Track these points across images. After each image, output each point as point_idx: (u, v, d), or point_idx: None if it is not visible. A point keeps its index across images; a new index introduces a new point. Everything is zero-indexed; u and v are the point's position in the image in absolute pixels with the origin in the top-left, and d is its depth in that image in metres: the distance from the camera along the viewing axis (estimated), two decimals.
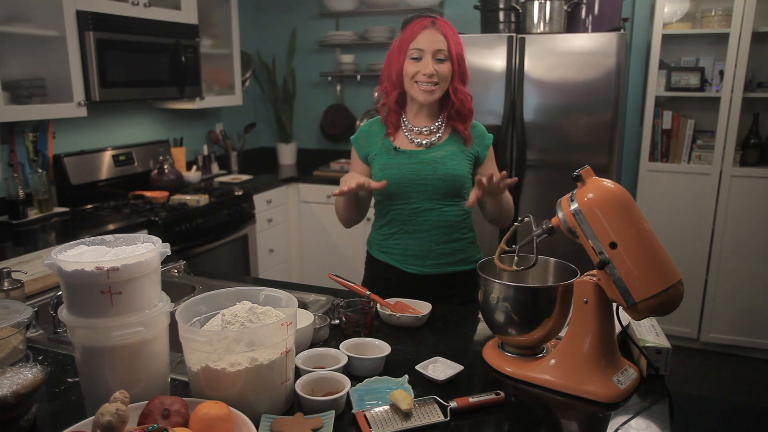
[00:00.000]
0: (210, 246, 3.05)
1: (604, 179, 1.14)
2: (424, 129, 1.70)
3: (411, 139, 1.70)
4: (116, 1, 2.75)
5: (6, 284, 1.47)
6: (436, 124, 1.71)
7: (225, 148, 3.98)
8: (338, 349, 1.24)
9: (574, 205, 1.12)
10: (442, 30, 1.61)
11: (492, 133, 1.78)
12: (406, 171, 1.66)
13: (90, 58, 2.62)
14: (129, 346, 1.02)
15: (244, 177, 3.75)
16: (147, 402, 0.95)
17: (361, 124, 1.83)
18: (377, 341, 1.28)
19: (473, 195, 1.50)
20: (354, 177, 1.55)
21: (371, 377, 1.19)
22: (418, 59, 1.61)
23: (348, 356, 1.21)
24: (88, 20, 2.59)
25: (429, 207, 1.67)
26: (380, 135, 1.74)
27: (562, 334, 1.23)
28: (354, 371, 1.22)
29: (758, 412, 2.86)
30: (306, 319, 1.31)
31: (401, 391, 1.08)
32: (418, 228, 1.69)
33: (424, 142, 1.69)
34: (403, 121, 1.72)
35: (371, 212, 1.82)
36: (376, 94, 1.79)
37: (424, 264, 1.71)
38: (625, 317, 1.21)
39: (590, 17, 3.00)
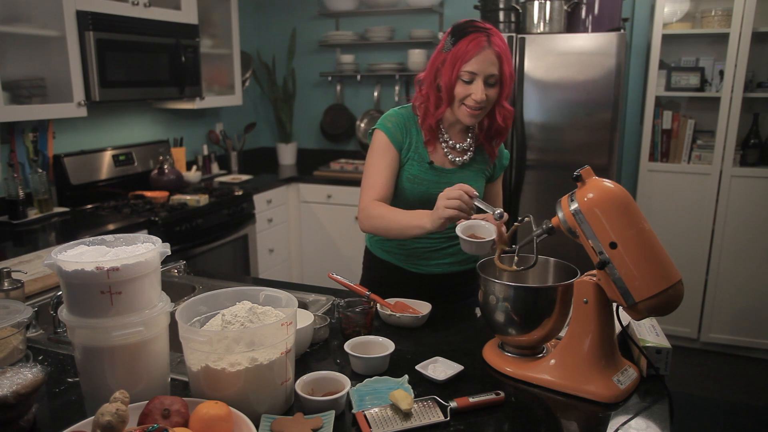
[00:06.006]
0: (210, 246, 3.05)
1: (604, 179, 1.14)
2: (458, 145, 1.67)
3: (447, 153, 1.66)
4: (116, 1, 2.76)
5: (6, 284, 1.47)
6: (468, 140, 1.68)
7: (225, 148, 3.98)
8: (343, 348, 1.24)
9: (574, 205, 1.12)
10: (497, 50, 1.52)
11: None
12: (434, 190, 1.60)
13: (90, 58, 2.62)
14: (129, 346, 1.02)
15: (244, 177, 3.75)
16: (147, 402, 0.95)
17: (388, 112, 1.69)
18: (380, 338, 1.29)
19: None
20: (462, 189, 1.38)
21: (377, 375, 1.19)
22: (469, 82, 1.53)
23: (353, 355, 1.21)
24: (88, 20, 2.59)
25: None
26: (416, 137, 1.65)
27: (562, 334, 1.23)
28: (359, 370, 1.22)
29: (758, 412, 2.86)
30: (306, 319, 1.31)
31: (401, 391, 1.08)
32: (429, 235, 1.67)
33: (457, 159, 1.66)
34: (441, 131, 1.66)
35: None
36: (418, 103, 1.68)
37: (428, 264, 1.71)
38: (625, 317, 1.21)
39: (590, 17, 3.00)
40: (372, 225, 1.58)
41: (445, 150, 1.67)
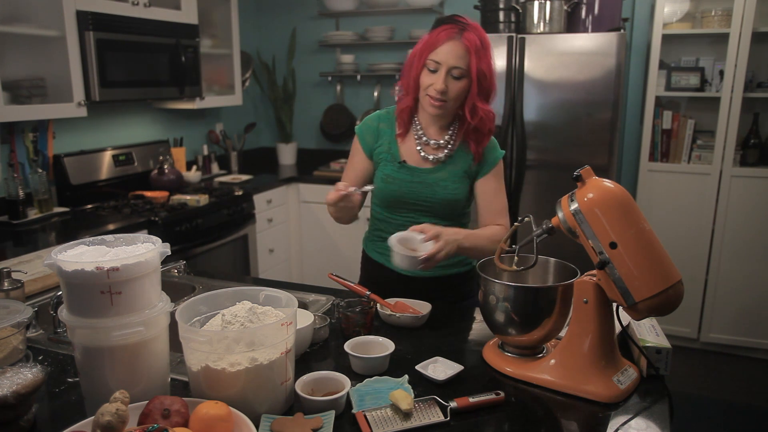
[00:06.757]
0: (210, 246, 3.05)
1: (604, 179, 1.14)
2: (432, 142, 1.64)
3: (419, 150, 1.64)
4: (116, 1, 2.75)
5: (6, 284, 1.47)
6: (446, 137, 1.64)
7: (225, 148, 3.98)
8: (343, 348, 1.24)
9: (574, 205, 1.12)
10: (467, 43, 1.49)
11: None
12: (406, 189, 1.64)
13: (90, 58, 2.62)
14: (129, 346, 1.02)
15: (244, 177, 3.75)
16: (147, 402, 0.95)
17: (367, 116, 1.75)
18: (380, 338, 1.29)
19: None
20: (343, 184, 1.53)
21: (377, 375, 1.19)
22: (434, 71, 1.52)
23: (353, 355, 1.22)
24: (88, 20, 2.59)
25: (425, 221, 1.65)
26: (389, 135, 1.68)
27: (562, 334, 1.23)
28: (359, 370, 1.22)
29: (758, 412, 2.86)
30: (306, 319, 1.31)
31: (401, 391, 1.08)
32: None
33: (430, 157, 1.63)
34: (415, 126, 1.66)
35: (368, 211, 1.82)
36: (397, 89, 1.71)
37: None
38: (625, 317, 1.21)
39: (590, 17, 3.00)
40: (335, 219, 1.73)
41: (418, 147, 1.65)
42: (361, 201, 1.67)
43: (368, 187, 1.59)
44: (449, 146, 1.64)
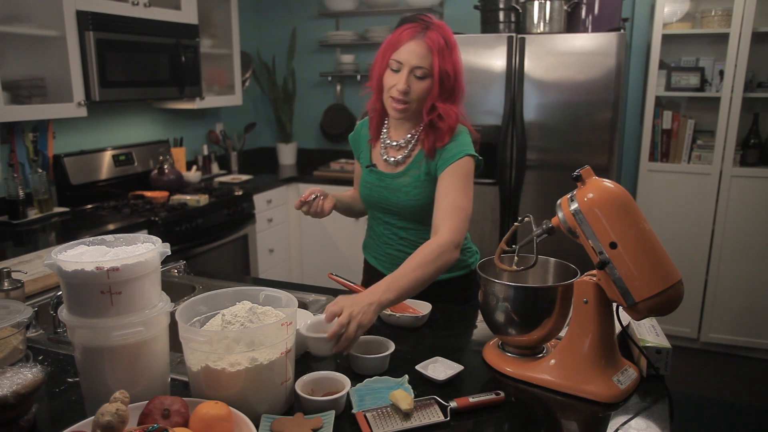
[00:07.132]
0: (210, 246, 3.05)
1: (604, 179, 1.14)
2: (394, 143, 1.61)
3: (383, 153, 1.63)
4: (116, 1, 2.76)
5: (6, 284, 1.47)
6: (407, 137, 1.60)
7: (225, 148, 3.98)
8: None
9: (574, 205, 1.12)
10: (430, 43, 1.44)
11: (492, 133, 1.73)
12: (375, 194, 1.64)
13: (90, 58, 2.62)
14: (129, 346, 1.02)
15: (244, 177, 3.75)
16: (147, 402, 0.95)
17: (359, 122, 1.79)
18: (380, 338, 1.28)
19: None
20: (311, 191, 1.61)
21: (377, 375, 1.19)
22: (396, 71, 1.48)
23: (353, 355, 1.21)
24: (88, 20, 2.59)
25: (402, 226, 1.65)
26: (366, 140, 1.70)
27: (562, 334, 1.23)
28: (360, 370, 1.22)
29: (758, 412, 2.86)
30: (306, 319, 1.30)
31: (401, 391, 1.08)
32: (398, 241, 1.68)
33: (391, 159, 1.61)
34: (383, 129, 1.66)
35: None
36: (365, 92, 1.69)
37: None
38: (625, 317, 1.21)
39: (590, 17, 3.00)
40: None
41: (382, 151, 1.64)
42: (332, 205, 1.66)
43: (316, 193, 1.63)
44: (409, 146, 1.60)
